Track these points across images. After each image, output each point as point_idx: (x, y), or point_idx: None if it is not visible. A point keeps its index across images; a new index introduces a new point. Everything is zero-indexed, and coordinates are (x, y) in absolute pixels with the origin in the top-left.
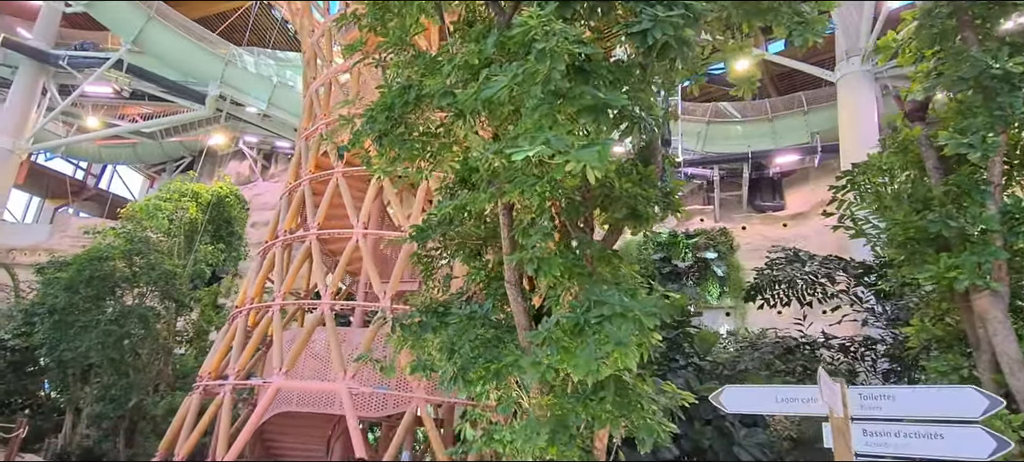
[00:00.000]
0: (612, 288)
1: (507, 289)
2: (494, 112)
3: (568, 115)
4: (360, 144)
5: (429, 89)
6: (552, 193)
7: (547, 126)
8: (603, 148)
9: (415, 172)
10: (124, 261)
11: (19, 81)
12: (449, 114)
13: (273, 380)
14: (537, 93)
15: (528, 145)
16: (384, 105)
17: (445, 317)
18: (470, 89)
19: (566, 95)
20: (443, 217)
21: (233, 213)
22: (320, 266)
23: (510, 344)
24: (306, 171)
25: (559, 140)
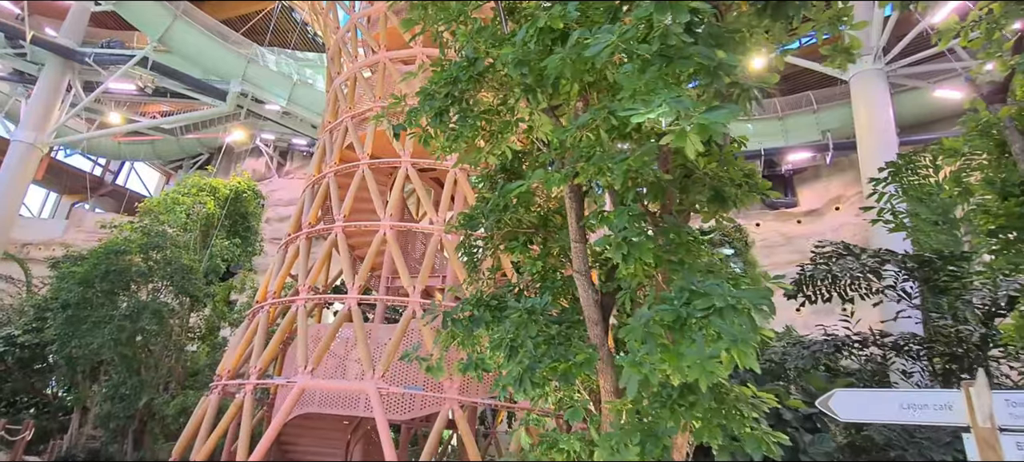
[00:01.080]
0: (707, 276)
1: (576, 280)
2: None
3: (674, 78)
4: (417, 123)
5: (503, 57)
6: (639, 172)
7: (661, 88)
8: (733, 112)
9: (474, 153)
10: (141, 255)
11: (45, 78)
12: (514, 89)
13: (298, 379)
14: (649, 51)
15: (643, 107)
16: (448, 77)
17: (500, 311)
18: (557, 54)
19: (674, 56)
20: (495, 204)
21: (250, 208)
22: (347, 259)
23: (577, 341)
24: (331, 163)
25: (681, 102)
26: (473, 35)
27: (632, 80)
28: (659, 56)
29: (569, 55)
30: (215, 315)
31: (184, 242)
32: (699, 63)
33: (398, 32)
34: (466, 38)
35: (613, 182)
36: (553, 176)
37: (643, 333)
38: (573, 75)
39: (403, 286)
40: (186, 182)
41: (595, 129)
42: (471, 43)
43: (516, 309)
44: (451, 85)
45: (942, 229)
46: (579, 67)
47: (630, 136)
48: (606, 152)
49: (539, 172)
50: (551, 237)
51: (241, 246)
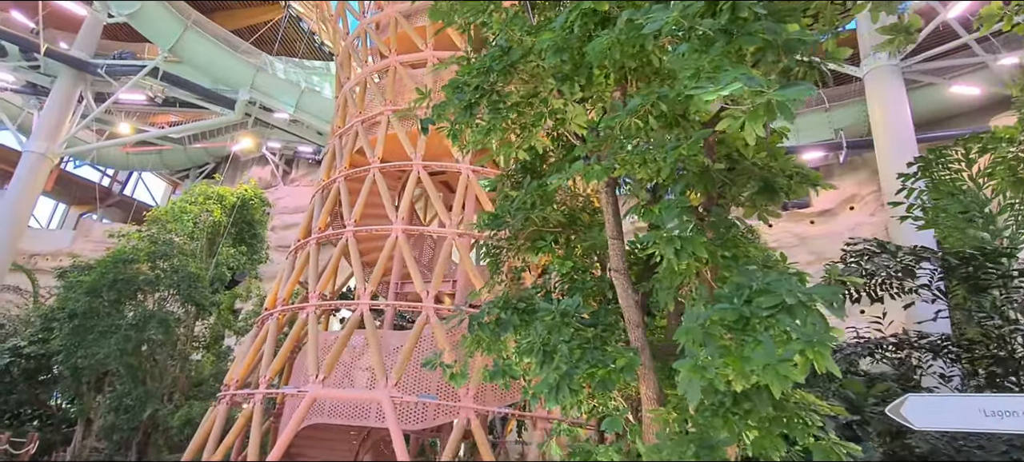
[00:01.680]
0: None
1: (614, 279)
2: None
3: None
4: (445, 117)
5: (540, 44)
6: (686, 162)
7: (727, 66)
8: (807, 89)
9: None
10: (148, 264)
11: (58, 89)
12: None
13: (309, 389)
14: (713, 26)
15: (712, 85)
16: (480, 68)
17: (529, 315)
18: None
19: (737, 32)
20: (523, 202)
21: (256, 216)
22: (358, 264)
23: (614, 345)
24: (341, 168)
25: (752, 79)
26: (508, 23)
27: (690, 61)
28: (722, 33)
29: (619, 35)
30: (220, 323)
31: (191, 250)
32: (764, 40)
33: (408, 36)
34: (500, 26)
35: (657, 174)
36: (593, 169)
37: (702, 335)
38: (621, 58)
39: (412, 291)
40: (193, 190)
41: (644, 116)
42: (505, 31)
43: (548, 311)
44: (482, 76)
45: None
46: (627, 50)
47: (677, 124)
48: (656, 140)
49: (578, 165)
50: (578, 236)
51: (247, 254)
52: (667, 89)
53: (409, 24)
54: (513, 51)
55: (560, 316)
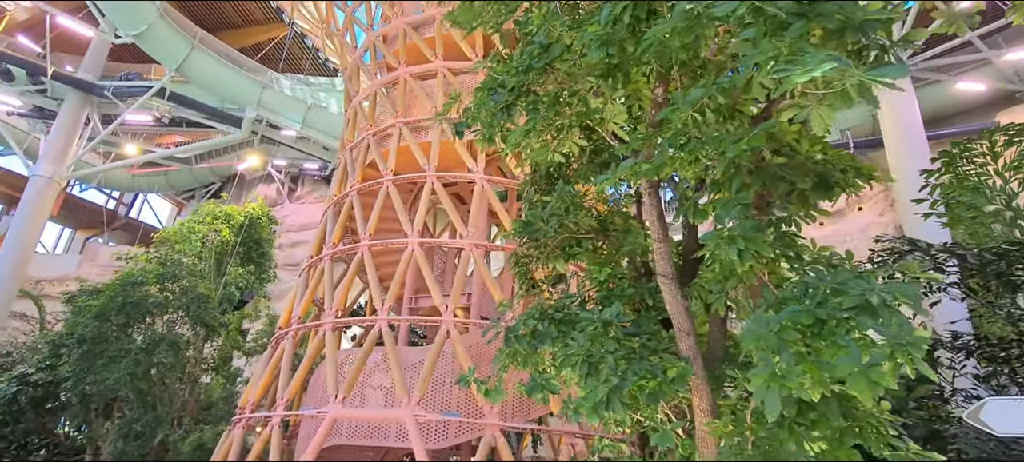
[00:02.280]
0: (831, 271)
1: (661, 285)
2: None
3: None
4: (479, 119)
5: (584, 38)
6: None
7: (808, 49)
8: (900, 70)
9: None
10: (157, 286)
11: (64, 112)
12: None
13: (329, 409)
14: (788, 9)
15: (796, 68)
16: (519, 66)
17: (568, 325)
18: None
19: (810, 13)
20: (557, 207)
21: (264, 234)
22: (375, 279)
23: (663, 354)
24: (354, 182)
25: (842, 60)
26: (548, 18)
27: (764, 46)
28: (795, 15)
29: (679, 22)
30: (228, 345)
31: (199, 271)
32: (841, 20)
33: (417, 47)
34: (540, 22)
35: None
36: (641, 168)
37: (777, 341)
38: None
39: (426, 306)
40: (201, 210)
41: (701, 109)
42: (545, 28)
43: (590, 321)
44: (520, 75)
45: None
46: (684, 40)
47: (733, 117)
48: (709, 135)
49: (627, 164)
50: (611, 241)
51: (255, 273)
52: (725, 80)
53: (418, 35)
54: (553, 47)
55: (603, 326)
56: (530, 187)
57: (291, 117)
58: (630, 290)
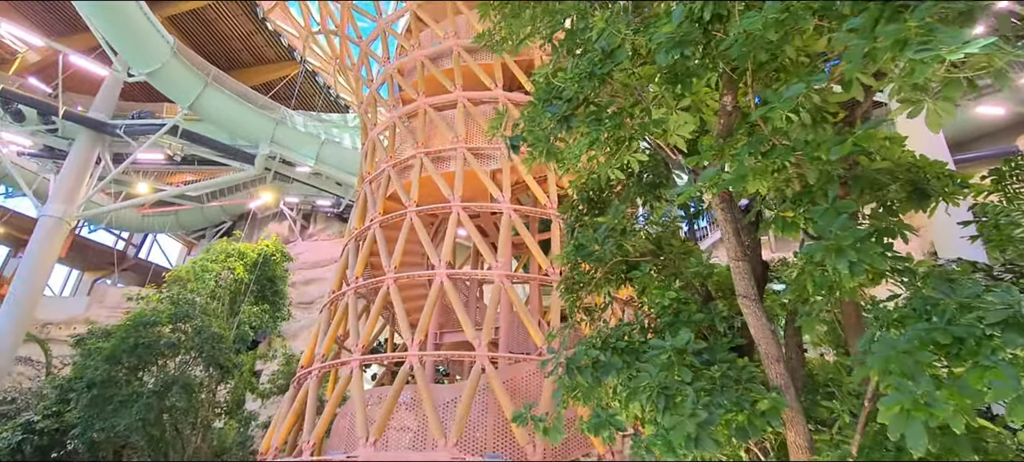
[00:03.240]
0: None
1: (743, 307)
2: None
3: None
4: (534, 133)
5: (655, 39)
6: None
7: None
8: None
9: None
10: (169, 326)
11: (75, 151)
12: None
13: (359, 454)
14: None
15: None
16: (583, 73)
17: (631, 355)
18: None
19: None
20: (613, 227)
21: (277, 272)
22: (402, 313)
23: (747, 384)
24: (375, 214)
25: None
26: (612, 21)
27: (892, 31)
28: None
29: (774, 13)
30: (241, 386)
31: (212, 310)
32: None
33: (435, 79)
34: (603, 24)
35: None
36: (723, 177)
37: (911, 363)
38: (761, 48)
39: (451, 341)
40: (214, 248)
41: (795, 109)
42: (608, 31)
43: (661, 349)
44: (583, 83)
45: None
46: (777, 32)
47: (824, 119)
48: (798, 140)
49: (709, 173)
50: (668, 264)
51: (269, 312)
52: (820, 76)
53: (436, 67)
54: (618, 52)
55: (677, 354)
56: (571, 212)
57: (305, 153)
58: (698, 315)
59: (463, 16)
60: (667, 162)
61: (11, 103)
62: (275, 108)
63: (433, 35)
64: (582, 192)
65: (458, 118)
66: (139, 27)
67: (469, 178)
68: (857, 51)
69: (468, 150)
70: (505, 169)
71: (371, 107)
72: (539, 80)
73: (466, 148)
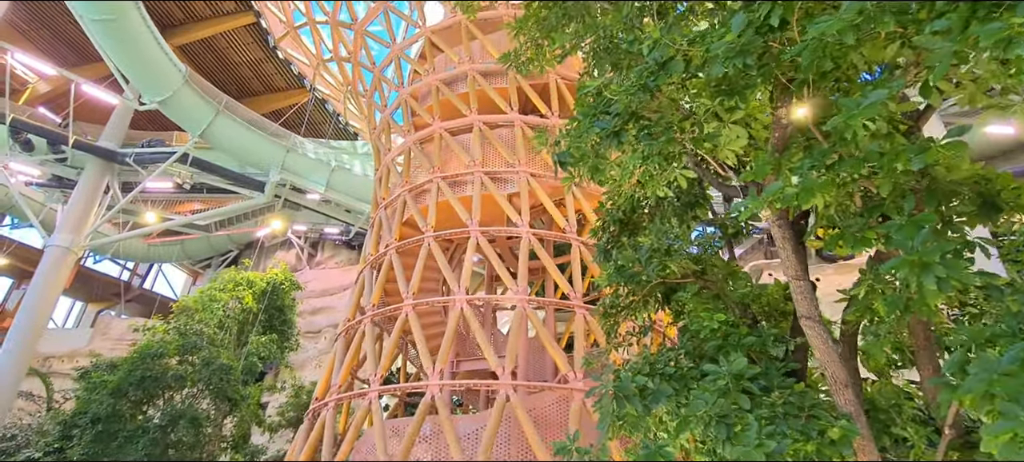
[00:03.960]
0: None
1: (806, 329)
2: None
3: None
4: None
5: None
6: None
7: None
8: None
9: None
10: (177, 358)
11: (84, 180)
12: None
13: None
14: None
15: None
16: (629, 88)
17: (680, 381)
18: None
19: None
20: (655, 249)
21: (285, 301)
22: (422, 341)
23: (812, 410)
24: (391, 240)
25: None
26: (669, 29)
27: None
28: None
29: (849, 16)
30: (248, 420)
31: (220, 340)
32: None
33: (449, 103)
34: (658, 36)
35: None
36: (787, 191)
37: (1017, 387)
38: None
39: (468, 370)
40: (222, 277)
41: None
42: (664, 41)
43: (717, 375)
44: (637, 95)
45: None
46: (852, 37)
47: (896, 130)
48: (870, 150)
49: (773, 188)
50: (711, 286)
51: (277, 342)
52: (896, 83)
53: (451, 91)
54: (673, 63)
55: (734, 380)
56: (603, 234)
57: (315, 179)
58: (749, 338)
59: (477, 41)
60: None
61: (21, 133)
62: (286, 136)
63: (447, 60)
64: (613, 213)
65: (474, 142)
66: (152, 56)
67: (485, 202)
68: (944, 54)
69: (485, 174)
70: (523, 192)
71: (385, 132)
72: (586, 95)
73: (483, 172)
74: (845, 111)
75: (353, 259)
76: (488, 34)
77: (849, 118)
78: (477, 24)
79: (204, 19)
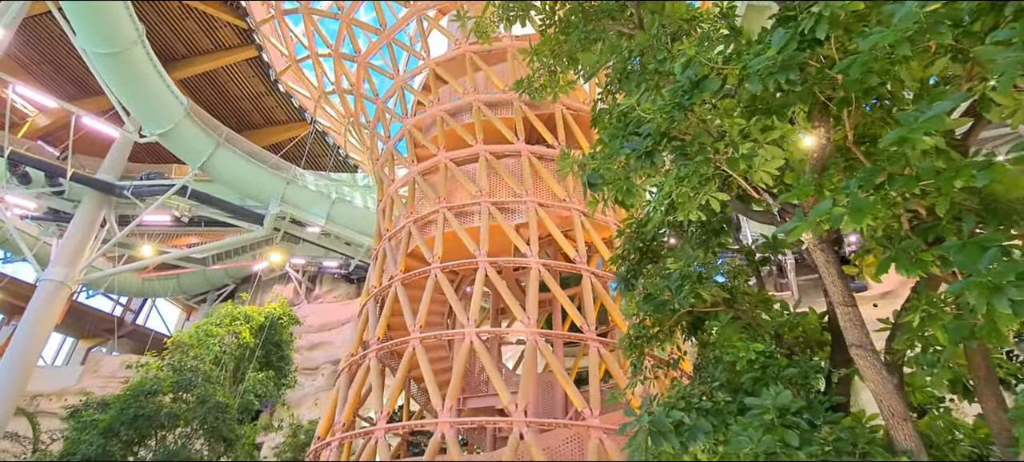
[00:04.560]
0: None
1: (858, 359)
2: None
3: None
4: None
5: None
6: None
7: None
8: None
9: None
10: (171, 395)
11: (80, 213)
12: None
13: None
14: None
15: None
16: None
17: (716, 416)
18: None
19: None
20: (687, 273)
21: (284, 336)
22: (430, 376)
23: (867, 447)
24: (396, 272)
25: None
26: (703, 48)
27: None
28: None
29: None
30: (243, 461)
31: (216, 377)
32: None
33: (455, 133)
34: (692, 53)
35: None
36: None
37: None
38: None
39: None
40: (219, 312)
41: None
42: (697, 60)
43: (762, 408)
44: (673, 113)
45: None
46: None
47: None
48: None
49: (821, 208)
50: (743, 314)
51: (274, 378)
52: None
53: (456, 121)
54: (708, 81)
55: (779, 413)
56: (622, 262)
57: (315, 212)
58: (790, 370)
59: (482, 72)
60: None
61: (18, 165)
62: (287, 168)
63: (451, 91)
64: (633, 241)
65: (480, 172)
66: (154, 88)
67: (495, 233)
68: (1009, 64)
69: (492, 204)
70: (532, 223)
71: (388, 163)
72: (609, 117)
73: (490, 202)
74: (904, 125)
75: (352, 293)
76: (492, 66)
77: (908, 132)
78: (481, 55)
79: (206, 53)
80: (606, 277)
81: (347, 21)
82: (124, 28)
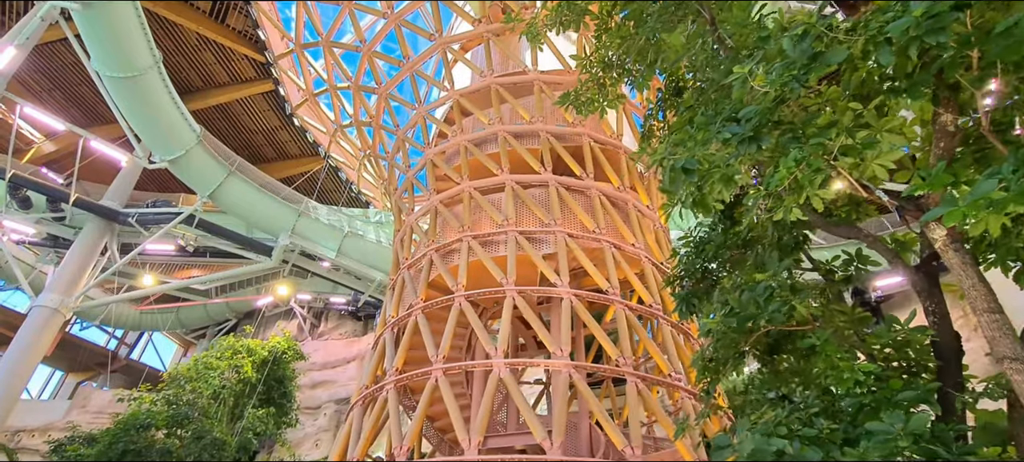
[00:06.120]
0: None
1: (1013, 373)
2: None
3: None
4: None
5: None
6: None
7: None
8: None
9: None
10: (165, 430)
11: (81, 240)
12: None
13: None
14: None
15: None
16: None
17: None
18: None
19: None
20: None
21: (286, 372)
22: (455, 409)
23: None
24: (416, 301)
25: None
26: (797, 40)
27: None
28: None
29: None
30: None
31: (214, 412)
32: None
33: (479, 163)
34: (806, 27)
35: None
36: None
37: None
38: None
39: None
40: (220, 344)
41: None
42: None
43: (890, 433)
44: (790, 84)
45: None
46: None
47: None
48: None
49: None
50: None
51: (275, 416)
52: None
53: (480, 151)
54: (831, 52)
55: (910, 441)
56: (676, 283)
57: (326, 245)
58: (908, 393)
59: (507, 104)
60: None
61: (20, 189)
62: (298, 199)
63: (475, 121)
64: (691, 260)
65: (507, 201)
66: (167, 114)
67: (522, 262)
68: None
69: (519, 233)
70: (561, 253)
71: (409, 192)
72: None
73: (517, 231)
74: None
75: (359, 331)
76: (518, 98)
77: None
78: (506, 87)
79: (222, 86)
80: (638, 310)
81: (368, 54)
82: (141, 52)
